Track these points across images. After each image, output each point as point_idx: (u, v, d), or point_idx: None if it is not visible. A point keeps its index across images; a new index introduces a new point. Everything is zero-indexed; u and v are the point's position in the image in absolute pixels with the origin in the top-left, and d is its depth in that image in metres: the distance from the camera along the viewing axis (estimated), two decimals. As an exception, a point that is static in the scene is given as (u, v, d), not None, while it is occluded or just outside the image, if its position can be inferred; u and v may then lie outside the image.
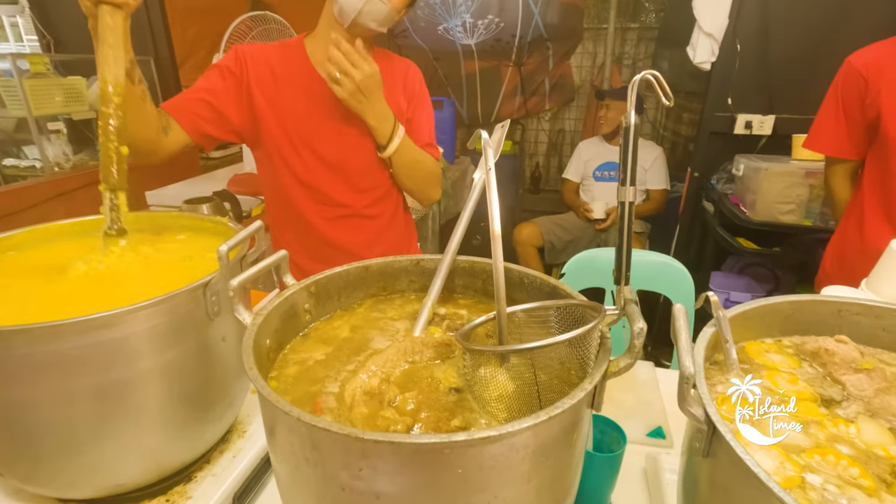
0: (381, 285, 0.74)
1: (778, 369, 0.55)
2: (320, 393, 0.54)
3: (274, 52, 1.16)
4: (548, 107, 4.60)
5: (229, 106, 1.11)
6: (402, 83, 1.23)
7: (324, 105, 1.14)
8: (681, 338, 0.45)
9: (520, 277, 0.69)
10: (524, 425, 0.38)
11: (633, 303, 0.50)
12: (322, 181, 1.19)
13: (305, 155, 1.17)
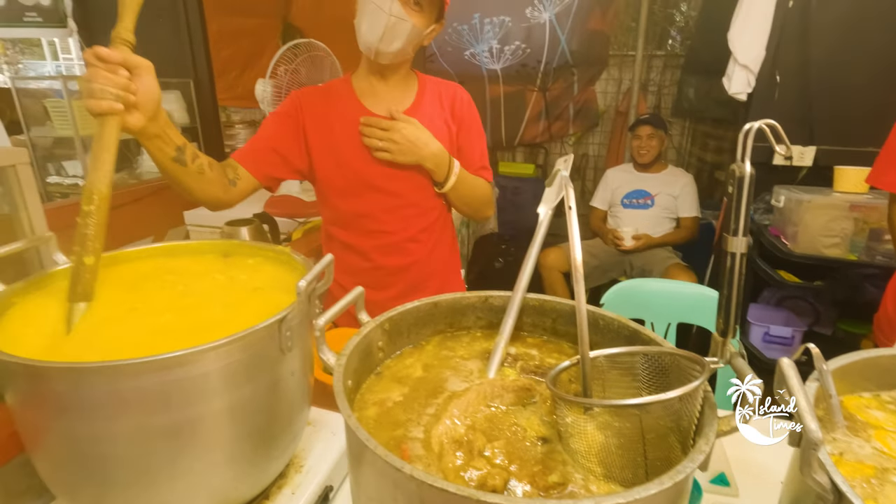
0: (448, 322, 0.73)
1: (884, 428, 0.53)
2: (405, 438, 0.52)
3: (325, 93, 1.20)
4: (571, 131, 4.61)
5: (290, 149, 1.17)
6: (451, 108, 1.25)
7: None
8: (799, 398, 0.43)
9: (595, 318, 0.67)
10: (651, 492, 0.36)
11: (738, 356, 0.48)
12: (375, 212, 1.21)
13: (360, 189, 1.19)
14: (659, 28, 4.21)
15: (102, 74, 0.71)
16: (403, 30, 1.06)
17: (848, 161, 1.98)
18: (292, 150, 1.17)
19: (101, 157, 0.69)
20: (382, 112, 1.18)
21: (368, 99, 1.19)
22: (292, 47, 1.73)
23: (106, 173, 0.69)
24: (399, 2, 1.03)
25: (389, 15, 1.02)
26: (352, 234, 1.25)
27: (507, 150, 4.93)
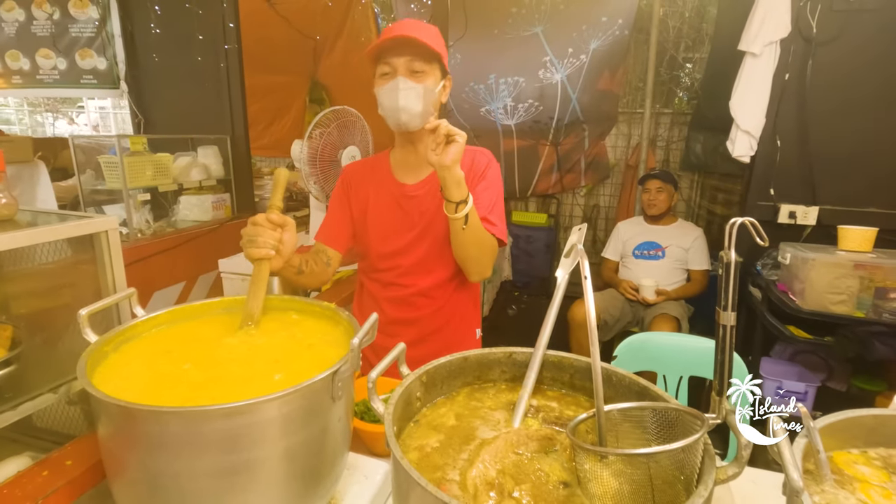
0: (476, 374, 0.81)
1: (870, 482, 0.59)
2: (443, 480, 0.60)
3: (368, 168, 1.37)
4: (583, 183, 4.77)
5: (349, 219, 1.35)
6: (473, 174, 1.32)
7: (400, 208, 1.30)
8: (784, 453, 0.51)
9: (608, 375, 0.75)
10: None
11: (732, 413, 0.56)
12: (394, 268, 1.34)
13: (383, 248, 1.32)
14: (666, 88, 4.43)
15: (268, 232, 0.97)
16: (416, 95, 1.17)
17: (850, 220, 2.07)
18: (351, 220, 1.35)
19: (260, 288, 0.94)
20: (411, 181, 1.31)
21: (400, 171, 1.32)
22: (328, 113, 1.90)
23: (260, 302, 0.93)
24: (403, 75, 1.16)
25: (399, 89, 1.15)
26: (374, 285, 1.38)
27: (521, 200, 5.10)
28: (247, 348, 0.82)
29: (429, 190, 1.30)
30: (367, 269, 1.40)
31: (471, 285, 1.46)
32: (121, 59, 2.85)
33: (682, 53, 4.42)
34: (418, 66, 1.16)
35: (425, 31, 1.17)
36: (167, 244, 2.36)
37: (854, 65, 2.07)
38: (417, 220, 1.30)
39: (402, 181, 1.31)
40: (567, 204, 5.03)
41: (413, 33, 1.14)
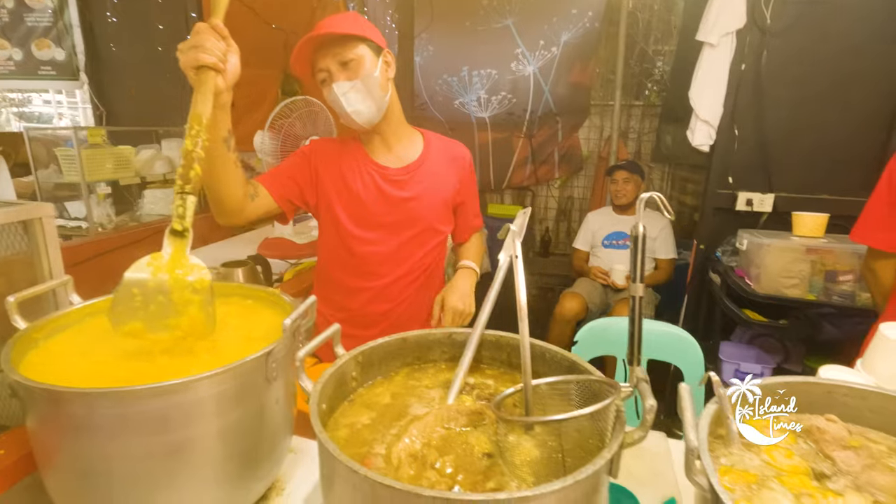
0: (416, 355, 0.83)
1: (777, 445, 0.62)
2: (369, 454, 0.61)
3: (338, 146, 1.33)
4: (557, 175, 4.82)
5: (305, 183, 1.29)
6: (459, 169, 1.37)
7: (381, 192, 1.29)
8: (686, 414, 0.53)
9: (541, 352, 0.77)
10: (555, 487, 0.46)
11: (644, 381, 0.58)
12: (371, 255, 1.32)
13: (359, 232, 1.30)
14: (636, 80, 4.49)
15: (213, 40, 0.87)
16: (358, 92, 1.15)
17: (804, 207, 2.14)
18: (306, 184, 1.29)
19: (207, 95, 0.85)
20: (391, 164, 1.30)
21: (377, 151, 1.31)
22: (289, 103, 1.88)
23: (208, 107, 0.85)
24: (337, 76, 1.14)
25: (339, 95, 1.14)
26: (347, 274, 1.35)
27: (496, 193, 5.12)
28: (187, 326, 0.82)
29: (413, 176, 1.30)
30: (341, 259, 1.36)
31: (441, 276, 1.48)
32: (80, 50, 2.78)
33: (651, 46, 4.47)
34: (348, 56, 1.14)
35: (339, 21, 1.15)
36: (129, 238, 2.32)
37: (808, 55, 2.13)
38: (400, 205, 1.29)
39: (382, 163, 1.30)
40: (542, 196, 5.07)
41: (326, 30, 1.12)
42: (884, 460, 0.60)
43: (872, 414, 0.65)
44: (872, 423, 0.65)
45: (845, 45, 2.07)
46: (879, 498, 0.54)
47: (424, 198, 1.30)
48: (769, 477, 0.57)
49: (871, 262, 1.41)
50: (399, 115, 1.31)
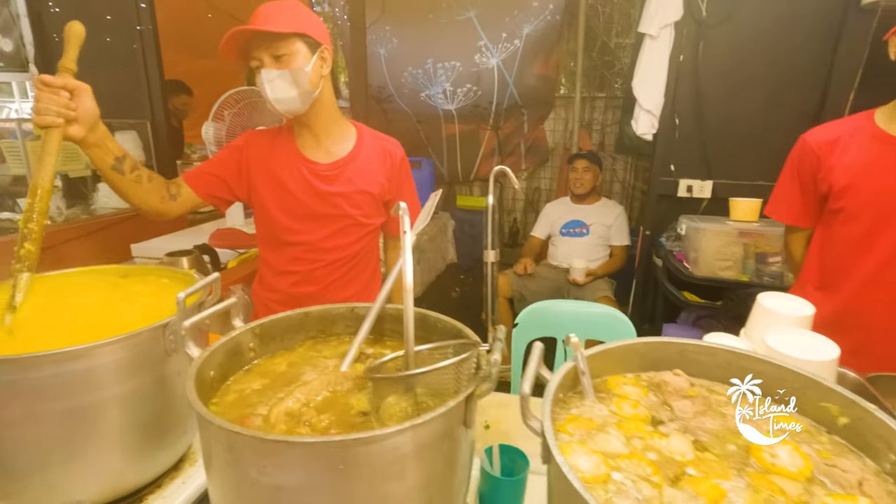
0: (319, 329, 0.87)
1: (627, 397, 0.68)
2: (251, 414, 0.66)
3: (271, 137, 1.35)
4: (524, 167, 4.89)
5: (232, 177, 1.33)
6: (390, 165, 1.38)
7: (310, 186, 1.31)
8: (530, 367, 0.59)
9: (434, 322, 0.82)
10: (392, 430, 0.51)
11: (498, 340, 0.63)
12: (299, 244, 1.35)
13: (288, 223, 1.33)
14: (598, 73, 4.57)
15: (46, 96, 0.90)
16: (285, 82, 1.16)
17: (741, 193, 2.23)
18: (234, 178, 1.33)
19: (45, 159, 0.88)
20: (320, 159, 1.32)
21: (307, 145, 1.33)
22: (235, 93, 1.90)
23: (48, 173, 0.88)
24: (267, 65, 1.14)
25: (266, 81, 1.15)
26: (276, 258, 1.39)
27: (465, 185, 5.17)
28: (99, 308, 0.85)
29: (342, 172, 1.33)
30: (272, 245, 1.40)
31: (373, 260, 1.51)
32: (28, 41, 2.73)
33: (613, 39, 4.56)
34: (281, 51, 1.14)
35: (275, 15, 1.13)
36: (79, 231, 2.31)
37: (743, 46, 2.22)
38: (328, 199, 1.32)
39: (312, 158, 1.33)
40: (510, 188, 5.14)
41: (262, 26, 1.11)
42: (719, 408, 0.67)
43: (719, 369, 0.72)
44: (719, 376, 0.72)
45: (776, 39, 2.16)
46: (702, 438, 0.61)
47: (351, 194, 1.33)
48: (610, 423, 0.63)
49: (785, 237, 1.51)
50: (331, 109, 1.32)
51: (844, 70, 2.05)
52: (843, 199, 1.27)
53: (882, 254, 1.23)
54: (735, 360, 0.71)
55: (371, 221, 1.39)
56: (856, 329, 1.28)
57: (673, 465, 0.56)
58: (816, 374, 0.63)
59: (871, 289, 1.26)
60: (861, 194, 1.24)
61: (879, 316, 1.27)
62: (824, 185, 1.30)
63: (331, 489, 0.51)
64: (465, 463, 0.66)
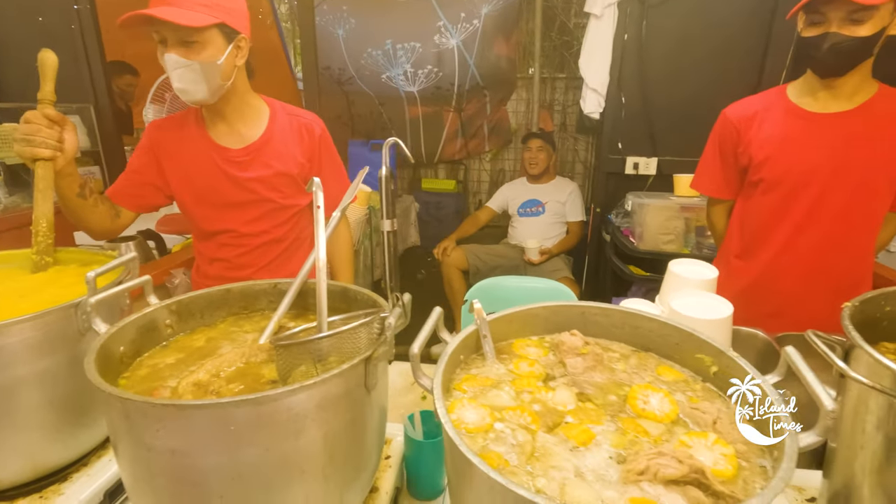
0: (242, 305, 0.89)
1: (527, 357, 0.72)
2: (160, 387, 0.67)
3: (178, 126, 1.28)
4: (487, 148, 4.91)
5: (153, 178, 1.29)
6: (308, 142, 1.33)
7: (224, 174, 1.27)
8: (423, 331, 0.62)
9: (354, 294, 0.85)
10: (280, 391, 0.53)
11: (398, 306, 0.66)
12: (222, 233, 1.33)
13: (209, 213, 1.31)
14: (558, 53, 4.60)
15: (45, 130, 0.95)
16: (194, 74, 1.07)
17: (685, 169, 2.30)
18: (160, 179, 1.29)
19: (46, 192, 0.97)
20: (232, 144, 1.27)
21: (217, 130, 1.27)
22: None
23: (50, 204, 0.97)
24: (175, 53, 1.05)
25: (172, 70, 1.07)
26: (205, 246, 1.37)
27: (430, 168, 5.17)
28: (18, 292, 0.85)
29: (256, 156, 1.28)
30: (198, 234, 1.39)
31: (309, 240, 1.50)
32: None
33: (572, 19, 4.59)
34: (191, 37, 1.05)
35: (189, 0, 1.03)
36: (21, 221, 2.23)
37: (685, 25, 2.27)
38: (245, 185, 1.28)
39: (223, 144, 1.27)
40: (474, 169, 5.17)
41: (169, 16, 1.01)
42: (610, 363, 0.71)
43: (615, 328, 0.77)
44: (616, 335, 0.77)
45: (716, 20, 2.22)
46: (587, 390, 0.65)
47: (268, 177, 1.29)
48: (505, 381, 0.67)
49: (708, 209, 1.58)
50: (243, 94, 1.25)
51: (778, 47, 2.13)
52: (761, 171, 1.34)
53: (795, 223, 1.31)
54: (628, 320, 0.76)
55: (294, 202, 1.35)
56: (773, 294, 1.37)
57: (554, 415, 0.60)
58: (694, 329, 0.68)
59: (785, 256, 1.34)
60: (777, 166, 1.31)
61: (793, 281, 1.35)
62: (744, 158, 1.37)
63: (225, 450, 0.54)
64: (374, 426, 0.69)
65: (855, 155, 1.23)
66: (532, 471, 0.51)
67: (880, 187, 1.25)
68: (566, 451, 0.54)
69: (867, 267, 1.33)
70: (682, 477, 0.48)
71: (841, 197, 1.26)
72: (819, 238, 1.30)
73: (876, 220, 1.29)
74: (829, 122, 1.24)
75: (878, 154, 1.22)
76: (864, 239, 1.30)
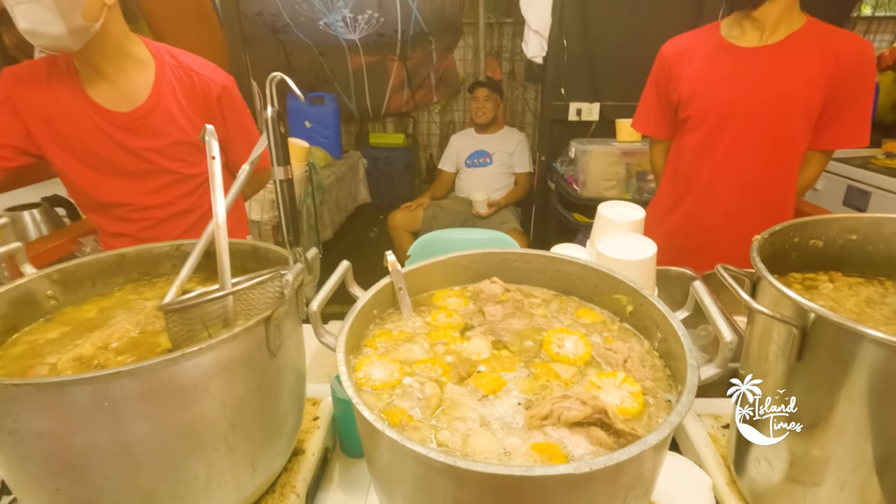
0: (142, 270, 0.81)
1: (446, 308, 0.70)
2: (37, 364, 0.60)
3: (45, 75, 1.08)
4: (436, 99, 4.76)
5: (18, 138, 1.09)
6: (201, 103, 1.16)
7: (113, 140, 1.11)
8: (325, 286, 0.58)
9: (265, 252, 0.79)
10: (155, 361, 0.48)
11: (300, 262, 0.61)
12: (120, 205, 1.18)
13: (102, 181, 1.15)
14: (505, -3, 4.43)
15: None
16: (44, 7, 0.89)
17: (627, 114, 2.28)
18: (24, 140, 1.09)
19: None
20: (117, 106, 1.09)
21: (96, 88, 1.08)
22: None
23: None
24: None
25: (18, 3, 0.89)
26: (101, 220, 1.22)
27: (377, 122, 4.98)
28: None
29: (147, 122, 1.11)
30: (90, 207, 1.22)
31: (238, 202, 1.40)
32: None
33: (518, -41, 4.39)
34: None
35: None
36: None
37: (625, -36, 2.20)
38: (140, 154, 1.13)
39: (106, 106, 1.09)
40: (423, 122, 5.02)
41: None
42: (530, 309, 0.70)
43: (537, 273, 0.75)
44: (537, 281, 0.75)
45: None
46: (504, 338, 0.63)
47: (165, 147, 1.13)
48: (420, 334, 0.64)
49: (650, 150, 1.58)
50: (119, 41, 1.06)
51: (716, -15, 2.10)
52: (688, 108, 1.33)
53: (717, 161, 1.32)
54: (549, 264, 0.74)
55: (201, 170, 1.21)
56: (696, 232, 1.40)
57: (467, 365, 0.58)
58: (611, 270, 0.67)
59: (709, 194, 1.36)
60: (703, 103, 1.30)
61: (715, 219, 1.37)
62: (675, 95, 1.35)
63: (100, 428, 0.49)
64: (288, 390, 0.66)
65: (773, 91, 1.22)
66: (437, 424, 0.49)
67: (797, 125, 1.24)
68: (474, 402, 0.52)
69: (787, 205, 1.36)
70: (586, 418, 0.47)
71: (759, 135, 1.26)
72: (739, 176, 1.31)
73: (795, 159, 1.31)
74: (752, 56, 1.23)
75: (796, 91, 1.21)
76: (784, 177, 1.32)
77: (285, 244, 0.62)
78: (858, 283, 0.70)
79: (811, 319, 0.52)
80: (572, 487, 0.41)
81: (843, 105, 1.21)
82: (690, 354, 0.50)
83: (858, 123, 1.24)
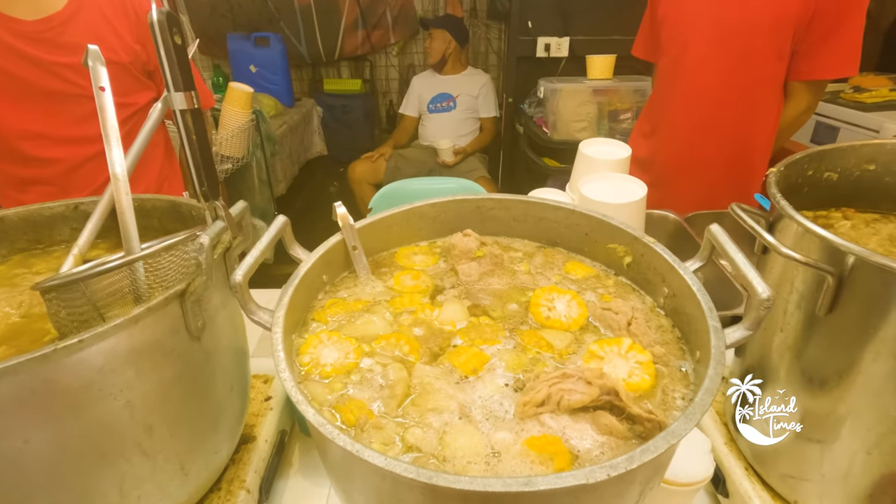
0: (32, 238, 0.65)
1: (412, 269, 0.58)
2: None
3: None
4: (393, 41, 4.43)
5: None
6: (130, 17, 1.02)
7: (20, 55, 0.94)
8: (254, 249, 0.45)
9: (188, 210, 0.64)
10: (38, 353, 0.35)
11: (220, 219, 0.48)
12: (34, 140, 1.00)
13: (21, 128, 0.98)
14: (461, -77, 4.06)
15: None
16: None
17: (599, 49, 2.15)
18: None
19: None
20: (24, 14, 0.93)
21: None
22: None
23: None
24: None
25: None
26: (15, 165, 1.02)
27: (331, 67, 4.63)
28: None
29: (62, 32, 0.95)
30: None
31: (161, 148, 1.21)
32: None
33: None
34: None
35: None
36: None
37: None
38: (55, 72, 0.96)
39: (8, 12, 0.92)
40: (381, 66, 4.69)
41: None
42: (511, 265, 0.59)
43: (517, 223, 0.64)
44: (518, 231, 0.64)
45: None
46: (483, 301, 0.53)
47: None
48: (381, 302, 0.53)
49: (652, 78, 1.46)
50: None
51: None
52: (662, 31, 1.22)
53: (681, 89, 1.22)
54: (531, 211, 0.63)
55: (132, 100, 1.05)
56: (659, 165, 1.31)
57: (440, 338, 0.47)
58: (605, 215, 0.57)
59: (672, 125, 1.27)
60: (674, 24, 1.20)
61: (678, 151, 1.28)
62: (659, 14, 1.24)
63: None
64: (222, 376, 0.54)
65: (740, 6, 1.10)
66: (404, 420, 0.39)
67: (765, 48, 1.12)
68: (450, 386, 0.42)
69: (753, 146, 1.25)
70: (592, 402, 0.38)
71: (723, 61, 1.15)
72: (699, 105, 1.21)
73: (763, 92, 1.20)
74: None
75: (765, 6, 1.09)
76: (747, 111, 1.21)
77: (197, 196, 0.48)
78: (875, 219, 0.62)
79: (849, 265, 0.43)
80: (581, 496, 0.32)
81: (828, 27, 1.10)
82: (711, 315, 0.41)
83: (847, 48, 1.13)
